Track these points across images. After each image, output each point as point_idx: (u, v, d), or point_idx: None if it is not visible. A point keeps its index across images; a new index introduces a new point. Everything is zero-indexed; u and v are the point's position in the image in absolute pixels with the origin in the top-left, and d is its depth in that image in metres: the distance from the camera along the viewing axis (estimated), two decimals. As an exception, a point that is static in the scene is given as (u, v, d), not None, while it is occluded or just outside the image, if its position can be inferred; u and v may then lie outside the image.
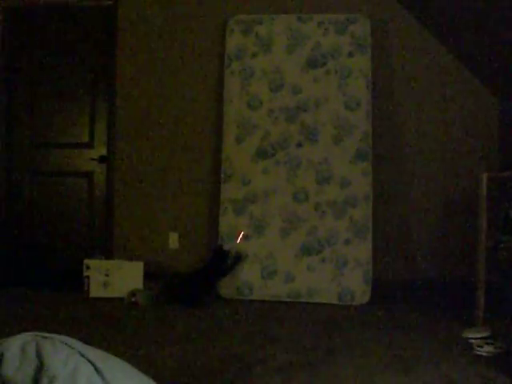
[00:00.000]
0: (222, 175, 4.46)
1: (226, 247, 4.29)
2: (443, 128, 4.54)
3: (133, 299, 4.04)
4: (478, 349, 2.90)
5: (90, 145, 4.91)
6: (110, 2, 4.83)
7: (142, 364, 2.64)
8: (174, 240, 4.77)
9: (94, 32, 4.88)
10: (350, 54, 4.36)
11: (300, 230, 4.28)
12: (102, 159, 4.86)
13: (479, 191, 3.36)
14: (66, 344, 1.10)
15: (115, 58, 4.83)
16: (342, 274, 4.18)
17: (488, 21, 3.81)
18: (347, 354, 2.89)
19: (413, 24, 4.55)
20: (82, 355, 1.08)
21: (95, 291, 4.25)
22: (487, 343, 2.93)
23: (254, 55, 4.48)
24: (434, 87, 4.55)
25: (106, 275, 4.25)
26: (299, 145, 4.36)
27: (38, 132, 4.95)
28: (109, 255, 4.69)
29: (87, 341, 1.26)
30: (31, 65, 4.95)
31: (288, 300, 4.21)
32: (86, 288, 4.26)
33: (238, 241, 4.31)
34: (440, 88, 4.54)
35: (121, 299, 4.13)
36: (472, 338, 3.07)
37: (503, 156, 4.42)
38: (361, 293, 4.14)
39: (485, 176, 3.35)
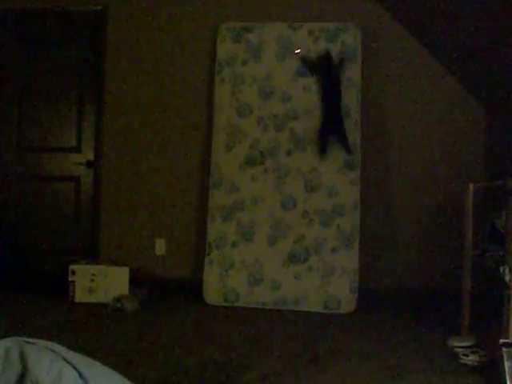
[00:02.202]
0: (211, 182, 4.45)
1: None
2: (431, 138, 4.58)
3: (118, 305, 4.01)
4: (463, 357, 2.91)
5: (77, 149, 4.88)
6: (100, 8, 4.82)
7: (127, 370, 2.63)
8: (160, 246, 4.75)
9: (83, 37, 4.87)
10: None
11: (287, 237, 4.28)
12: (89, 164, 4.84)
13: (466, 201, 3.38)
14: (50, 349, 1.09)
15: (104, 63, 4.82)
16: (328, 283, 4.18)
17: (478, 32, 3.85)
18: (332, 363, 2.89)
19: (403, 34, 4.58)
20: (66, 361, 1.07)
21: (80, 296, 4.21)
22: (472, 352, 2.94)
23: (245, 62, 4.49)
24: (423, 97, 4.59)
25: (92, 280, 4.21)
26: (288, 153, 4.37)
27: (25, 136, 4.92)
28: (95, 260, 4.65)
29: (71, 346, 1.25)
30: (19, 69, 4.92)
31: (274, 308, 4.20)
32: (71, 293, 4.23)
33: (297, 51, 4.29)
34: (429, 98, 4.58)
35: (106, 305, 4.10)
36: (457, 347, 3.08)
37: (489, 166, 4.46)
38: (347, 301, 4.14)
39: (471, 186, 3.37)
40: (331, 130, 4.26)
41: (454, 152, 4.56)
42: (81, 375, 1.05)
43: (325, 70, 4.27)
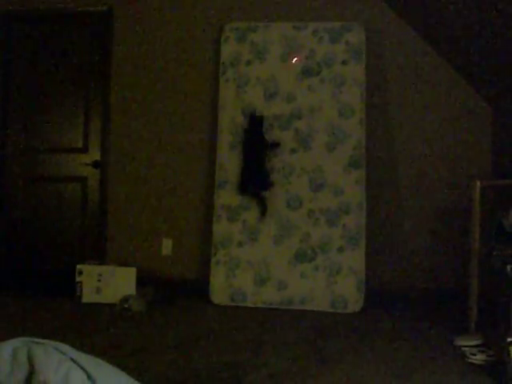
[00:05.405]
0: (216, 182, 4.46)
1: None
2: (436, 136, 4.57)
3: (125, 305, 4.03)
4: (471, 357, 2.90)
5: (83, 150, 4.90)
6: (105, 8, 4.84)
7: (134, 371, 2.64)
8: (167, 246, 4.76)
9: (89, 37, 4.89)
10: (345, 62, 4.38)
11: (293, 237, 4.28)
12: (95, 164, 4.86)
13: (472, 199, 3.37)
14: (57, 350, 1.09)
15: (110, 64, 4.84)
16: (334, 282, 4.18)
17: (484, 30, 3.83)
18: (340, 362, 2.89)
19: (408, 33, 4.58)
20: (74, 361, 1.07)
21: (88, 297, 4.23)
22: (480, 351, 2.93)
23: (249, 63, 4.50)
24: (428, 95, 4.57)
25: (99, 281, 4.23)
26: (293, 152, 4.37)
27: (32, 137, 4.94)
28: (102, 261, 4.67)
29: (79, 347, 1.25)
30: (25, 70, 4.94)
31: (281, 307, 4.21)
32: (78, 293, 4.24)
33: (295, 60, 4.32)
34: (434, 96, 4.57)
35: (113, 305, 4.11)
36: (465, 346, 3.08)
37: (496, 164, 4.44)
38: (353, 300, 4.14)
39: (478, 184, 3.36)
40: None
41: (461, 150, 4.55)
42: (89, 376, 1.05)
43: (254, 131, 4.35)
